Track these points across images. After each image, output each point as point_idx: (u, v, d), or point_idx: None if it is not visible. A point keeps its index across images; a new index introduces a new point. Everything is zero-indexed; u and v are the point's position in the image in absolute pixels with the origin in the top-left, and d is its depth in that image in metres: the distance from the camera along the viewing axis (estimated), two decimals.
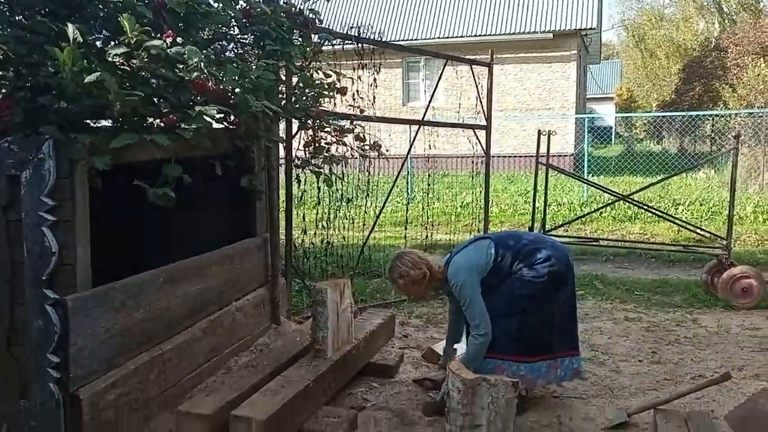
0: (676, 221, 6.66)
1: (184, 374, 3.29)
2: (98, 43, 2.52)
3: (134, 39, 2.28)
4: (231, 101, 2.78)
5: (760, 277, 5.51)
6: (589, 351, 4.32)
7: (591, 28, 17.49)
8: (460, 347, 3.47)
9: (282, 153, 4.39)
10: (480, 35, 17.27)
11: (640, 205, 6.87)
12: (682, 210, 10.70)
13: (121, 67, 2.38)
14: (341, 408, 3.20)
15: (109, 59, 2.31)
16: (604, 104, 34.65)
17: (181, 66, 2.41)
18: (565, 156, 16.13)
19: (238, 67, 2.71)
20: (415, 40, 17.73)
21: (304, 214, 5.11)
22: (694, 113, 16.34)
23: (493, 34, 17.44)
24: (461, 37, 17.39)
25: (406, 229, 7.22)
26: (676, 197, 12.12)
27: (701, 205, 11.28)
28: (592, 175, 14.14)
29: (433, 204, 8.08)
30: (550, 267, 3.22)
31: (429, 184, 6.73)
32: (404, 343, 4.48)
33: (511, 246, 3.30)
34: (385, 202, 6.15)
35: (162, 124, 2.55)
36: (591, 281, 6.35)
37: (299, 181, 4.48)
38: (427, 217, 7.12)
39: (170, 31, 2.41)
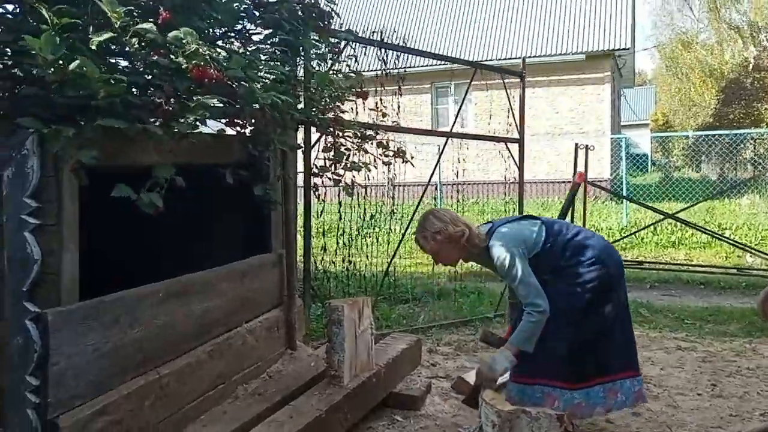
0: (730, 241, 6.18)
1: (185, 402, 2.96)
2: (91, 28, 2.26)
3: (117, 23, 2.03)
4: (236, 96, 2.51)
5: None
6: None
7: (625, 48, 17.04)
8: (503, 379, 3.01)
9: (300, 164, 4.11)
10: (511, 58, 16.97)
11: (689, 224, 6.38)
12: (730, 234, 10.07)
13: (109, 55, 2.13)
14: None
15: (93, 47, 2.07)
16: (640, 131, 33.85)
17: (177, 51, 2.15)
18: (602, 181, 15.58)
19: (246, 58, 2.44)
20: (444, 64, 17.55)
21: (324, 231, 4.79)
22: (736, 131, 15.64)
23: (524, 57, 17.13)
24: (491, 60, 17.11)
25: None
26: (721, 222, 11.49)
27: (749, 229, 10.65)
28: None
29: None
30: (599, 270, 2.81)
31: (458, 200, 6.36)
32: (432, 372, 4.08)
33: (561, 233, 2.90)
34: (410, 222, 5.80)
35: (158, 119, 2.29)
36: (636, 309, 5.83)
37: (317, 191, 4.11)
38: None
39: (166, 14, 2.16)
